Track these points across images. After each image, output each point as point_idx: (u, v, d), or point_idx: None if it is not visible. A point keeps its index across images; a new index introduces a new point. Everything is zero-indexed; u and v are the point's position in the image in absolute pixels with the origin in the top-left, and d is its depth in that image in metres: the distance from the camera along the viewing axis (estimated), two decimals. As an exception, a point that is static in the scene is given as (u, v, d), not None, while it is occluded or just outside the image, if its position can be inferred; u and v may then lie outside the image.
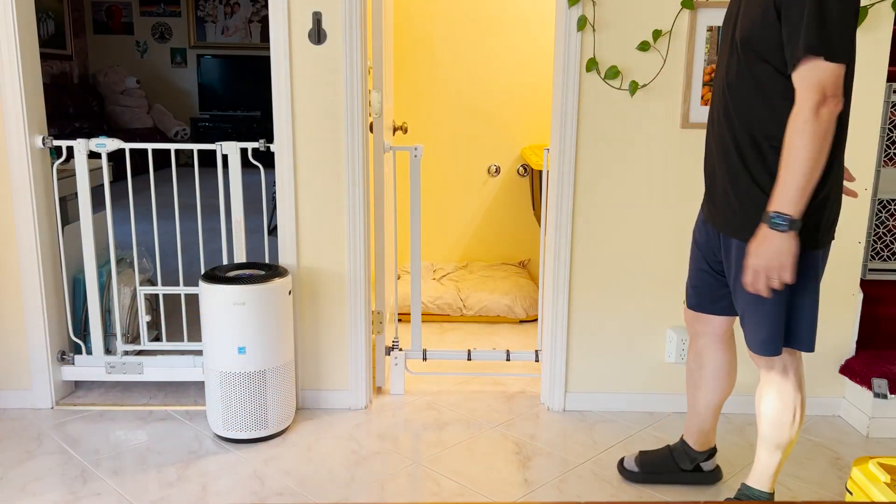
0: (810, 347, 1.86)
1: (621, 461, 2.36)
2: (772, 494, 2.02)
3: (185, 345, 2.85)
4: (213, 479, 2.31)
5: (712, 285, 2.04)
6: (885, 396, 2.58)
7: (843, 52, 1.61)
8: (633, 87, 2.58)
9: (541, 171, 3.13)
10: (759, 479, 2.02)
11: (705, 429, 2.23)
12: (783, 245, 1.63)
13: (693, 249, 2.10)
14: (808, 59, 1.60)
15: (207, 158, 2.74)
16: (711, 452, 2.28)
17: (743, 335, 1.95)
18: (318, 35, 2.57)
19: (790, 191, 1.62)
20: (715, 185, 1.91)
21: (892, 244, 2.87)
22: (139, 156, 2.75)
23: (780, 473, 2.38)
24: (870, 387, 2.60)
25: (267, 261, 2.74)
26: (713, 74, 1.93)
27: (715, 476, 2.30)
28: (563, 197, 2.67)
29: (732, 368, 2.16)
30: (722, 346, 2.13)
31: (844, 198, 2.72)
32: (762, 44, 1.71)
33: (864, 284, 2.78)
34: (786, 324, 1.84)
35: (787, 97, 1.68)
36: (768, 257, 1.65)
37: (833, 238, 1.83)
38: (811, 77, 1.60)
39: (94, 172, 2.78)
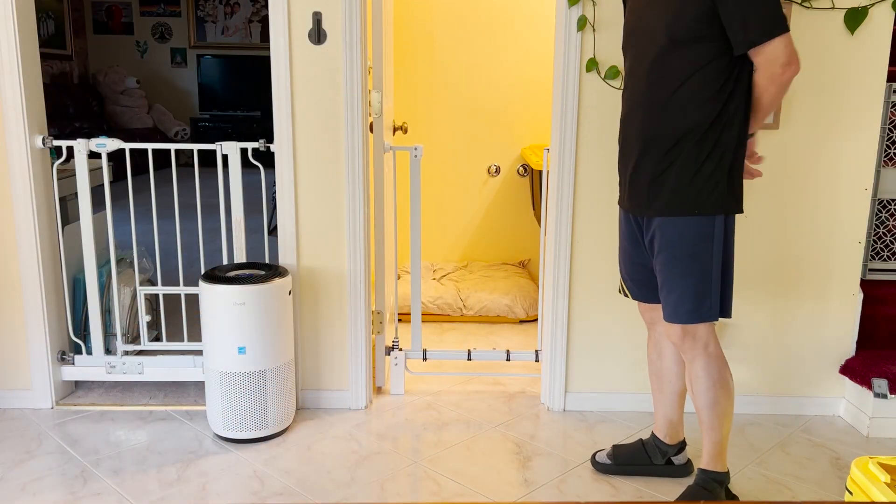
0: (729, 313, 2.01)
1: (594, 456, 2.39)
2: (727, 473, 2.10)
3: (185, 345, 2.85)
4: (213, 479, 2.31)
5: (648, 274, 2.14)
6: (885, 396, 2.58)
7: (786, 22, 1.83)
8: (633, 87, 2.58)
9: (541, 171, 3.12)
10: (711, 461, 2.08)
11: (673, 420, 2.29)
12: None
13: (621, 245, 2.19)
14: (770, 40, 1.81)
15: (207, 158, 2.75)
16: (681, 446, 2.33)
17: (664, 314, 2.02)
18: (318, 35, 2.57)
19: (763, 117, 1.97)
20: (639, 176, 2.01)
21: (892, 244, 2.87)
22: (139, 156, 2.76)
23: (781, 473, 2.38)
24: (870, 387, 2.60)
25: (267, 261, 2.75)
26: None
27: (687, 469, 2.34)
28: (563, 197, 2.67)
29: None
30: None
31: (845, 199, 2.73)
32: (698, 33, 1.85)
33: (864, 284, 2.78)
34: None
35: (731, 74, 1.88)
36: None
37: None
38: (774, 52, 1.83)
39: (94, 172, 2.78)
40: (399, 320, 3.59)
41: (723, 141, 1.90)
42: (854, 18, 2.50)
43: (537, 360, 2.97)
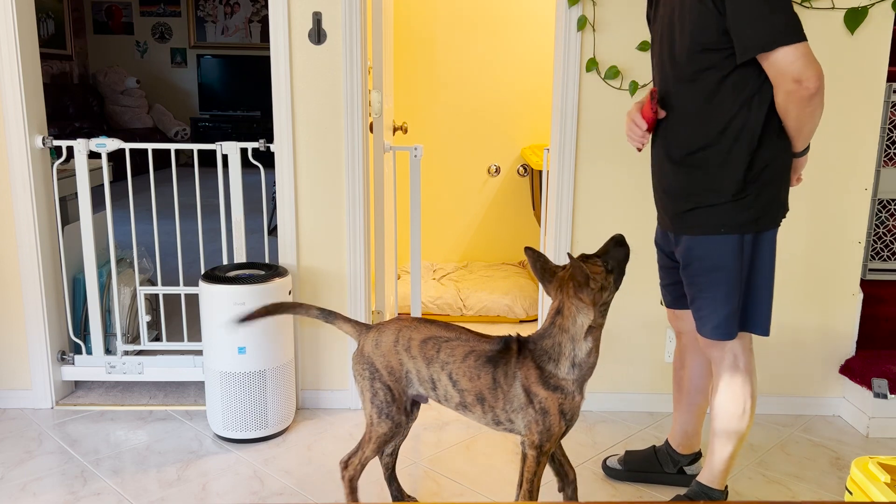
0: (766, 331, 1.91)
1: (605, 461, 2.37)
2: (725, 492, 2.04)
3: (185, 345, 2.85)
4: (213, 479, 2.31)
5: (676, 278, 2.09)
6: (885, 396, 2.58)
7: (799, 32, 1.67)
8: (633, 87, 2.58)
9: (541, 171, 3.13)
10: (711, 476, 2.03)
11: (689, 431, 2.24)
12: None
13: (657, 252, 2.17)
14: (774, 49, 1.66)
15: (207, 158, 2.74)
16: (695, 457, 2.27)
17: (696, 325, 1.97)
18: (318, 35, 2.57)
19: (799, 140, 1.83)
20: (665, 195, 1.98)
21: (892, 244, 2.87)
22: (139, 156, 2.75)
23: (781, 473, 2.38)
24: (870, 387, 2.60)
25: (267, 261, 2.74)
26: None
27: None
28: (563, 197, 2.67)
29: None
30: None
31: (845, 199, 2.73)
32: (717, 45, 1.75)
33: (864, 284, 2.78)
34: (743, 308, 1.89)
35: (753, 88, 1.76)
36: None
37: (784, 216, 1.90)
38: (782, 63, 1.67)
39: (94, 172, 2.78)
40: (399, 320, 3.58)
41: (752, 162, 1.79)
42: (854, 18, 2.50)
43: (537, 360, 2.96)
